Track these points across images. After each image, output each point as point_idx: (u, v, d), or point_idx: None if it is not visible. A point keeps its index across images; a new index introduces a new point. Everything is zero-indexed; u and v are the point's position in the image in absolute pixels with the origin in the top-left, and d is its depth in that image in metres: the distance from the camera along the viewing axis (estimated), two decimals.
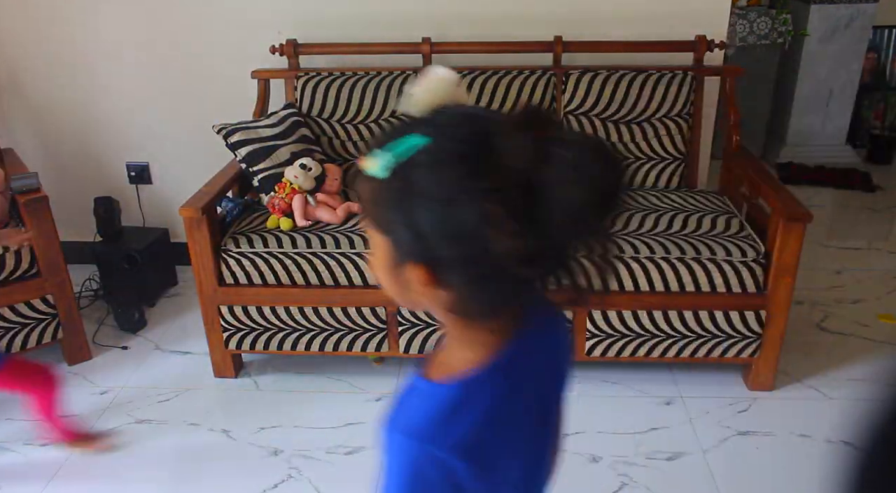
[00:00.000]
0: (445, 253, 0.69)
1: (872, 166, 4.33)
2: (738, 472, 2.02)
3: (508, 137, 0.67)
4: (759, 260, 2.20)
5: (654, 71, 2.63)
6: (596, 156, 0.67)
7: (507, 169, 0.66)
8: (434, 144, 0.68)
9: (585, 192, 0.66)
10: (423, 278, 0.71)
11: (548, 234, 0.67)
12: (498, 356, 0.76)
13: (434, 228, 0.68)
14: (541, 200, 0.66)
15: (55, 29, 2.88)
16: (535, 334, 0.81)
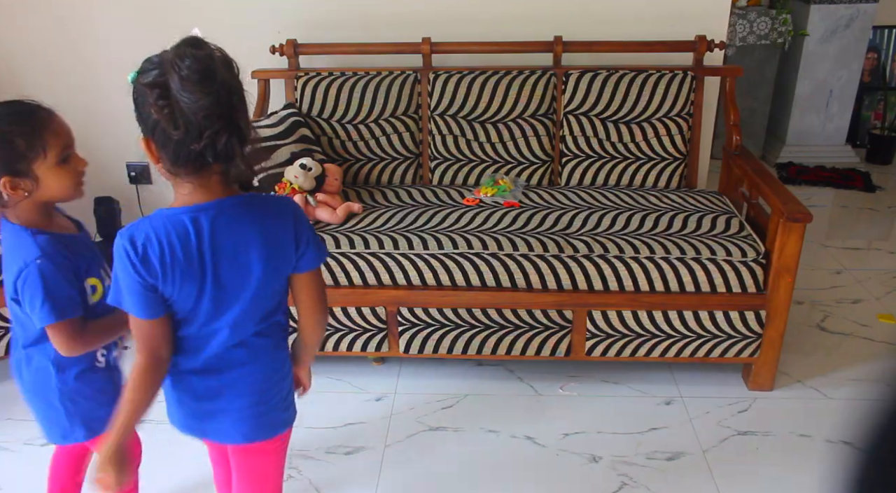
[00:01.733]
0: (148, 130, 1.12)
1: (872, 166, 4.34)
2: (738, 472, 2.02)
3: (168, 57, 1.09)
4: (759, 260, 2.21)
5: (654, 71, 2.63)
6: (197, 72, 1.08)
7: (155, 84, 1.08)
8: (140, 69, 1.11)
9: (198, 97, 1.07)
10: (146, 143, 1.13)
11: (187, 123, 1.07)
12: (197, 206, 1.17)
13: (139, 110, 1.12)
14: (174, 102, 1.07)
15: (55, 29, 2.88)
16: (234, 205, 1.20)
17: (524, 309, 2.25)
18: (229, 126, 1.10)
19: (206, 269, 1.19)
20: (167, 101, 1.07)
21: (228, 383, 1.30)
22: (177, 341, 1.26)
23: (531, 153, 2.67)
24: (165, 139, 1.10)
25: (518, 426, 2.20)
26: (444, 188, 2.65)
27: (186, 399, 1.33)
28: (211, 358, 1.28)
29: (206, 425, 1.35)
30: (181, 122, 1.07)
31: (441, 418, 2.24)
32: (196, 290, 1.20)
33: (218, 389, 1.30)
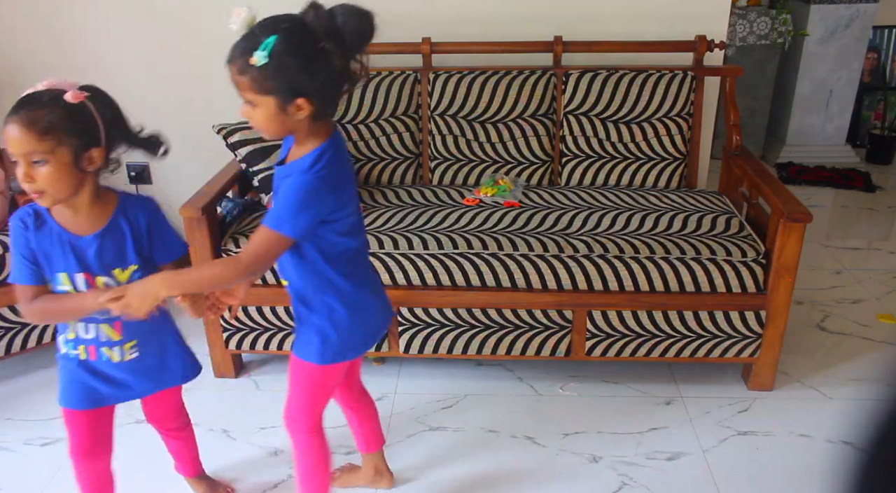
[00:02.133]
0: (314, 83, 1.29)
1: (872, 166, 4.34)
2: (738, 472, 2.02)
3: (308, 16, 1.28)
4: (759, 260, 2.21)
5: (654, 71, 2.63)
6: (352, 11, 1.29)
7: (321, 28, 1.27)
8: (280, 37, 1.25)
9: (357, 25, 1.29)
10: (304, 103, 1.30)
11: (349, 51, 1.31)
12: (329, 139, 1.40)
13: (305, 74, 1.27)
14: (340, 33, 1.28)
15: (55, 29, 2.88)
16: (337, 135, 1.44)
17: (524, 309, 2.25)
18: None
19: (355, 187, 1.50)
20: (335, 38, 1.27)
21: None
22: (347, 258, 1.48)
23: (531, 153, 2.67)
24: (328, 81, 1.30)
25: (518, 426, 2.20)
26: (444, 188, 2.65)
27: (369, 318, 1.57)
28: (368, 271, 1.59)
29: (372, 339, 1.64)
30: (346, 47, 1.29)
31: (441, 418, 2.24)
32: (355, 206, 1.47)
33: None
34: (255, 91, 1.30)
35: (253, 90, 1.30)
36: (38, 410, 2.31)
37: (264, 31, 1.26)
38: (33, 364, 2.51)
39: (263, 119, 1.34)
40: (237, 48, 1.30)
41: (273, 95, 1.29)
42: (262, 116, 1.33)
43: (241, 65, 1.28)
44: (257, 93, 1.30)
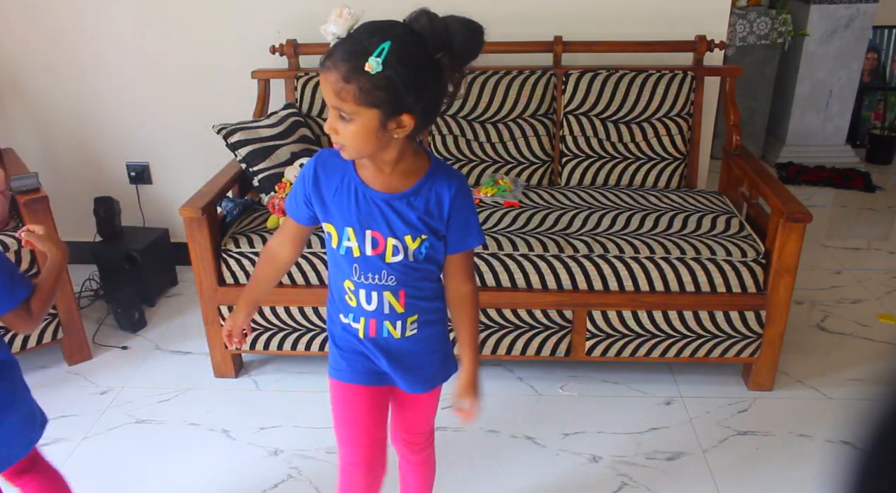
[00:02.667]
0: (423, 98, 1.16)
1: (872, 166, 4.34)
2: (738, 472, 2.02)
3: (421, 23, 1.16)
4: (759, 260, 2.21)
5: (654, 71, 2.63)
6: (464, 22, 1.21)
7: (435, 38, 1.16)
8: (394, 44, 1.12)
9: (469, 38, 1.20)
10: (410, 120, 1.17)
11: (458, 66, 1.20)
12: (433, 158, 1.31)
13: (417, 87, 1.14)
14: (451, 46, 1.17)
15: (55, 30, 2.88)
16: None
17: (524, 309, 2.25)
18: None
19: None
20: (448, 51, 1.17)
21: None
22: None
23: (531, 153, 2.67)
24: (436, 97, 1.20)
25: (518, 426, 2.20)
26: None
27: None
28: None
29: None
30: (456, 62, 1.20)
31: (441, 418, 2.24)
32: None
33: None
34: (360, 102, 1.14)
35: (357, 101, 1.14)
36: None
37: (375, 35, 1.14)
38: (33, 364, 2.51)
39: (358, 134, 1.18)
40: (341, 52, 1.16)
41: (378, 107, 1.14)
42: (357, 130, 1.17)
43: (348, 71, 1.13)
44: (361, 104, 1.14)
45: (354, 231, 1.32)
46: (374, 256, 1.31)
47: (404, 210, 1.29)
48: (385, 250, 1.31)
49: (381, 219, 1.29)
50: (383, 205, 1.29)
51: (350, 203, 1.31)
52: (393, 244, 1.30)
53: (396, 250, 1.31)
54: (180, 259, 2.94)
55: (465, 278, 1.39)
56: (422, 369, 1.45)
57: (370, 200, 1.29)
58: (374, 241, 1.31)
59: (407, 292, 1.35)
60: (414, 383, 1.46)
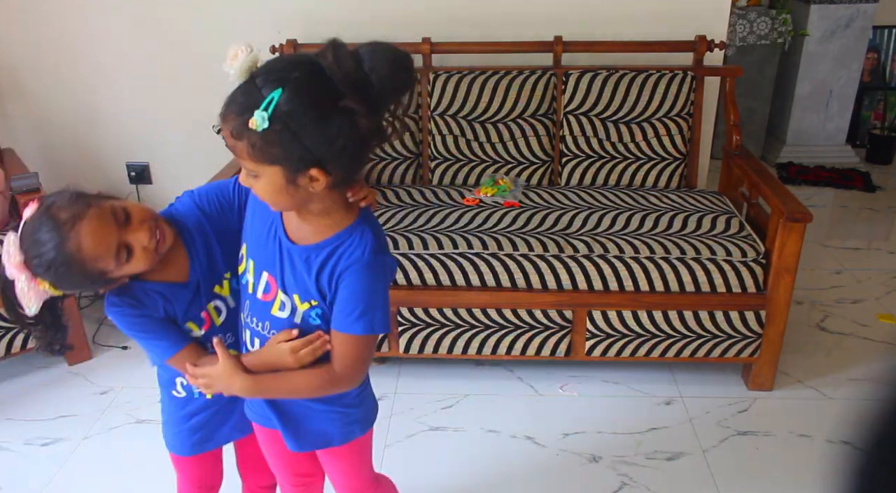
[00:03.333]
0: (332, 150, 1.00)
1: (872, 166, 4.34)
2: (738, 472, 2.02)
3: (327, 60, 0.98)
4: (759, 260, 2.21)
5: (654, 71, 2.63)
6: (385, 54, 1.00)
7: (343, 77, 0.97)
8: (286, 93, 0.96)
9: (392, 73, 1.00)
10: (319, 174, 1.02)
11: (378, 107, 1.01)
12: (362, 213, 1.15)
13: (321, 139, 0.98)
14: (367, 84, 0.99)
15: (55, 30, 2.88)
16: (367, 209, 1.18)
17: (524, 309, 2.25)
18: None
19: None
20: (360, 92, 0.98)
21: None
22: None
23: (531, 153, 2.67)
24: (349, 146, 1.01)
25: (518, 426, 2.20)
26: (444, 188, 2.65)
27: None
28: None
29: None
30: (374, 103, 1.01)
31: (441, 418, 2.24)
32: None
33: None
34: (255, 160, 1.01)
35: (252, 158, 1.01)
36: (38, 410, 2.31)
37: (268, 82, 0.98)
38: (33, 364, 2.51)
39: (267, 191, 1.06)
40: (232, 103, 1.01)
41: (278, 164, 1.01)
42: (265, 187, 1.05)
43: (237, 127, 0.99)
44: (258, 162, 1.01)
45: (254, 266, 1.20)
46: (263, 301, 1.20)
47: (299, 266, 1.14)
48: (274, 299, 1.18)
49: (279, 266, 1.16)
50: (284, 252, 1.16)
51: (262, 235, 1.19)
52: (282, 299, 1.17)
53: (283, 306, 1.18)
54: None
55: (334, 362, 1.17)
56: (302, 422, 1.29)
57: (277, 241, 1.17)
58: (266, 286, 1.19)
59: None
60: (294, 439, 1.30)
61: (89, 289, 1.22)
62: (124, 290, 1.24)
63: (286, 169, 1.02)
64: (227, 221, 1.30)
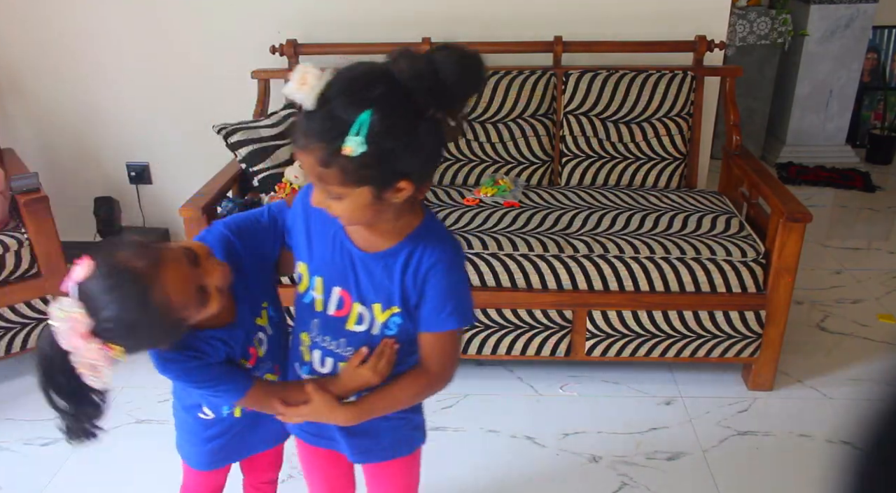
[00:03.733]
0: (420, 160, 1.02)
1: (872, 166, 4.33)
2: (738, 472, 2.02)
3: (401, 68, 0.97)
4: (759, 260, 2.20)
5: (654, 71, 2.63)
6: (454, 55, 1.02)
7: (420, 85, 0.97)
8: (375, 113, 0.93)
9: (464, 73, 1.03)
10: (406, 184, 1.01)
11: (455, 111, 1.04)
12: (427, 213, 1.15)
13: (411, 153, 0.99)
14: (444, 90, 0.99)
15: (55, 30, 2.88)
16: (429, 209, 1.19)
17: (524, 309, 2.25)
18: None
19: None
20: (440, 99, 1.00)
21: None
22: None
23: (531, 153, 2.67)
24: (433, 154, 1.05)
25: (518, 426, 2.20)
26: (444, 188, 2.65)
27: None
28: None
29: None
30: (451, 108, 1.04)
31: (441, 418, 2.24)
32: None
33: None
34: (345, 184, 0.99)
35: (342, 184, 0.99)
36: (38, 410, 2.30)
37: (351, 104, 0.94)
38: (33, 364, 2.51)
39: (350, 209, 1.03)
40: (314, 129, 0.96)
41: (369, 184, 0.99)
42: (349, 206, 1.03)
43: (325, 156, 0.96)
44: (347, 185, 0.99)
45: (324, 283, 1.16)
46: (335, 317, 1.16)
47: (378, 273, 1.12)
48: (349, 314, 1.16)
49: (353, 278, 1.14)
50: (357, 262, 1.13)
51: (327, 250, 1.15)
52: (359, 311, 1.15)
53: (361, 319, 1.15)
54: None
55: (430, 364, 1.18)
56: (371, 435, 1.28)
57: (346, 254, 1.14)
58: (339, 301, 1.16)
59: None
60: (360, 452, 1.30)
61: (163, 344, 1.11)
62: (182, 342, 1.14)
63: (375, 187, 1.00)
64: (262, 248, 1.23)
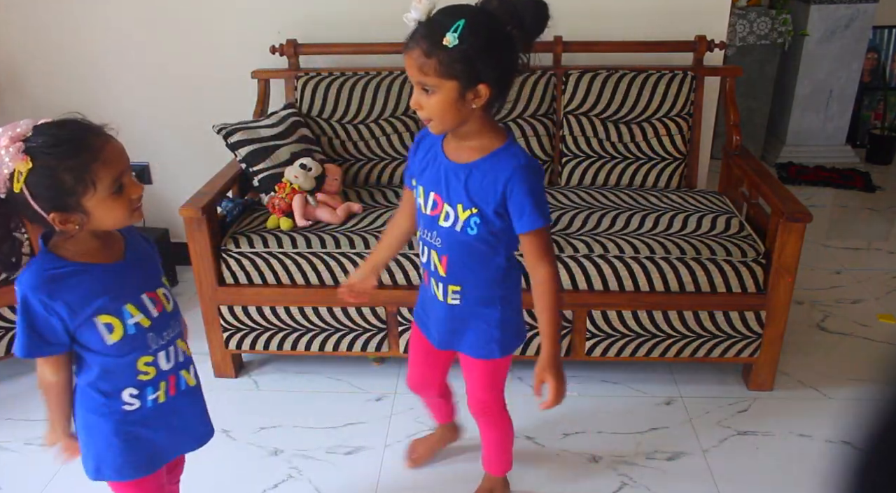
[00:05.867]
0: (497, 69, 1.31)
1: (872, 166, 4.34)
2: (738, 472, 2.02)
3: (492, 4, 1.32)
4: (759, 260, 2.21)
5: (654, 71, 2.63)
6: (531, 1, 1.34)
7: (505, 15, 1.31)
8: (468, 21, 1.26)
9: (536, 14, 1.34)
10: (486, 89, 1.31)
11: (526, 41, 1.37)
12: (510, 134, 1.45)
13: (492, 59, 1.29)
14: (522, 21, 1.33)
15: (55, 29, 2.88)
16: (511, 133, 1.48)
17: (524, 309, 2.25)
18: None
19: None
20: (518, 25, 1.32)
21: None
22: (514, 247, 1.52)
23: (531, 153, 2.67)
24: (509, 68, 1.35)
25: (518, 426, 2.20)
26: None
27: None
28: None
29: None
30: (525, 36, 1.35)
31: None
32: None
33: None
34: (440, 74, 1.28)
35: (438, 74, 1.28)
36: (38, 410, 2.30)
37: (450, 15, 1.27)
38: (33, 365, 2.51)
39: (440, 105, 1.32)
40: (421, 32, 1.29)
41: (457, 79, 1.29)
42: (439, 102, 1.31)
43: (428, 47, 1.27)
44: (441, 76, 1.28)
45: (424, 191, 1.48)
46: (431, 216, 1.47)
47: (461, 180, 1.41)
48: (440, 213, 1.46)
49: (444, 184, 1.43)
50: (448, 171, 1.43)
51: (428, 166, 1.47)
52: (446, 210, 1.44)
53: (447, 216, 1.44)
54: (180, 259, 2.94)
55: (535, 260, 1.45)
56: (458, 334, 1.59)
57: (440, 166, 1.44)
58: (434, 203, 1.46)
59: (450, 259, 1.48)
60: (446, 343, 1.62)
61: (48, 204, 1.16)
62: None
63: (461, 84, 1.29)
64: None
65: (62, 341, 1.26)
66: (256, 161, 2.45)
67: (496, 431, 1.82)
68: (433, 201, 1.46)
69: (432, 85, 1.30)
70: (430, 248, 1.50)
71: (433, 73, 1.28)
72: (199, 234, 2.22)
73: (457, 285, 1.50)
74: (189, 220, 2.20)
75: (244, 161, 2.46)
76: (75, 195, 1.16)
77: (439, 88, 1.30)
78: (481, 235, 1.43)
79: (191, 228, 2.21)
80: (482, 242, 1.44)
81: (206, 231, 2.22)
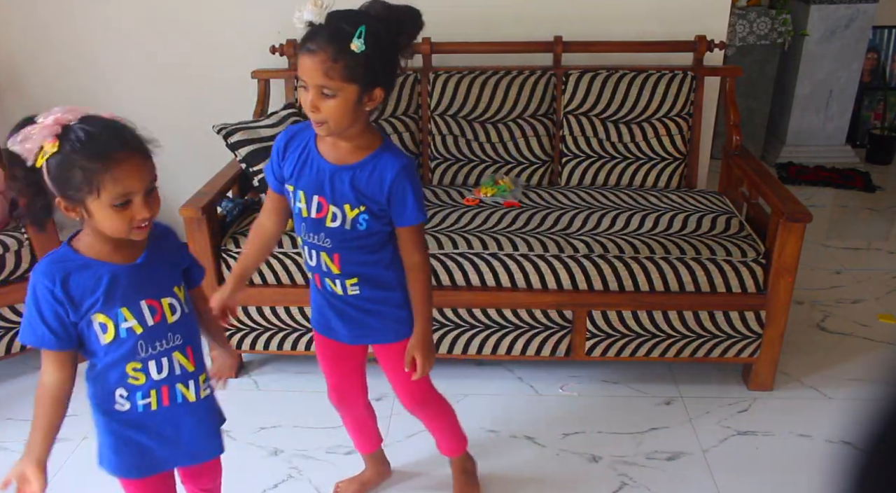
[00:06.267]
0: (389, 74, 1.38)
1: (872, 166, 4.34)
2: (738, 472, 2.02)
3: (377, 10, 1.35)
4: (759, 260, 2.21)
5: (654, 71, 2.63)
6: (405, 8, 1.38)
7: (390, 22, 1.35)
8: (367, 27, 1.30)
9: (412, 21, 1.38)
10: (380, 93, 1.37)
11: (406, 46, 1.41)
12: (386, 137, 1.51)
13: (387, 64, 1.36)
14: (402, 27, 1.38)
15: (55, 29, 2.88)
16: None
17: (524, 309, 2.25)
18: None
19: None
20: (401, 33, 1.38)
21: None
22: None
23: (531, 153, 2.67)
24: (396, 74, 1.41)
25: (518, 426, 2.20)
26: (444, 188, 2.65)
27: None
28: None
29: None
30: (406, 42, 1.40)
31: None
32: None
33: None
34: (344, 78, 1.31)
35: (342, 78, 1.31)
36: None
37: (349, 21, 1.30)
38: (33, 364, 2.51)
39: (340, 109, 1.34)
40: (324, 36, 1.31)
41: (357, 83, 1.32)
42: (339, 105, 1.34)
43: (335, 51, 1.30)
44: (344, 81, 1.31)
45: (305, 194, 1.48)
46: (316, 218, 1.48)
47: (346, 181, 1.45)
48: (326, 215, 1.48)
49: (328, 186, 1.46)
50: (331, 174, 1.45)
51: (304, 170, 1.48)
52: (333, 211, 1.47)
53: (335, 217, 1.47)
54: None
55: (411, 250, 1.53)
56: (365, 326, 1.61)
57: (319, 168, 1.46)
58: (318, 205, 1.48)
59: (342, 256, 1.51)
60: (357, 336, 1.63)
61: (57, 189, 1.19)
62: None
63: (361, 88, 1.33)
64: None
65: (65, 333, 1.25)
66: (256, 161, 2.45)
67: (438, 416, 1.83)
68: (318, 204, 1.47)
69: (334, 89, 1.32)
70: (318, 250, 1.52)
71: (338, 78, 1.31)
72: (199, 234, 2.22)
73: (353, 277, 1.53)
74: (189, 220, 2.20)
75: (244, 161, 2.46)
76: (80, 193, 1.19)
77: (340, 92, 1.32)
78: (370, 229, 1.48)
79: (191, 228, 2.21)
80: (372, 236, 1.50)
81: (206, 231, 2.22)
